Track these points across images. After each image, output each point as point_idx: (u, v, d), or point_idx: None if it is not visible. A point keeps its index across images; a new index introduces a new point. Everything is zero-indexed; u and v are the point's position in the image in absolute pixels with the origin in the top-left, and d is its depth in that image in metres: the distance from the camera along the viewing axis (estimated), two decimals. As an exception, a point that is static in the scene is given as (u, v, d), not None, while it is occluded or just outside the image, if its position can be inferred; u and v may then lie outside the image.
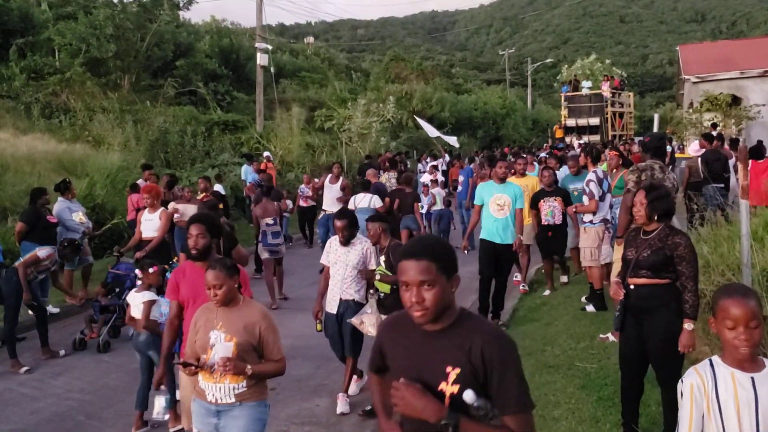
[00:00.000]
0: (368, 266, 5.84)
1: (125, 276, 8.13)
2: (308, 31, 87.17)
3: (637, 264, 4.26)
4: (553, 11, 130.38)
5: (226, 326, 3.59)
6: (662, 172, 6.30)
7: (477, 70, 79.31)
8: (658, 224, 4.26)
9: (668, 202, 4.33)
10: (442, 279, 2.12)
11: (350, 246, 5.83)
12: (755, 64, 23.26)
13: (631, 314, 4.35)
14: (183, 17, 31.65)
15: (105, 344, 7.71)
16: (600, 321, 7.36)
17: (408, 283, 2.13)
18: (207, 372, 3.58)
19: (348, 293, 5.85)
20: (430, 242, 2.23)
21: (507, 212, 7.82)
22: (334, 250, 5.91)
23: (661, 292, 4.20)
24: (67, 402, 6.22)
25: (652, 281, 4.21)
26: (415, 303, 2.12)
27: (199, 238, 4.44)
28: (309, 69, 37.69)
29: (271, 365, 3.65)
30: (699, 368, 2.50)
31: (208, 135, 21.33)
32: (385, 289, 5.77)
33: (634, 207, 4.37)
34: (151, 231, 8.53)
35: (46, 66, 21.35)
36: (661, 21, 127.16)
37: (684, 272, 4.12)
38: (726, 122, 21.22)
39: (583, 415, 4.98)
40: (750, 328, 2.35)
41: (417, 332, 2.24)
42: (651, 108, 52.23)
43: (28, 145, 15.22)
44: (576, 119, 33.63)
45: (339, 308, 5.81)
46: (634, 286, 4.29)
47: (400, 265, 2.15)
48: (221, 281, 3.56)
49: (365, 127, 24.79)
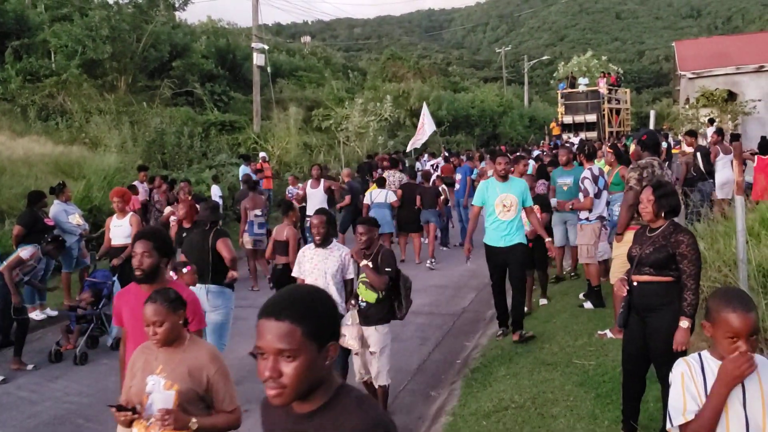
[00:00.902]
0: (346, 275, 5.54)
1: (102, 284, 7.95)
2: (305, 31, 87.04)
3: (640, 261, 4.25)
4: (549, 8, 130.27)
5: (167, 371, 3.01)
6: (661, 169, 6.32)
7: (474, 68, 79.32)
8: (664, 221, 4.24)
9: (675, 199, 4.33)
10: (309, 348, 1.64)
11: (327, 251, 5.50)
12: (751, 59, 23.27)
13: (635, 312, 4.33)
14: (179, 18, 31.60)
15: (82, 356, 7.35)
16: (598, 318, 7.37)
17: (263, 350, 1.64)
18: (143, 424, 2.96)
19: None
20: (299, 297, 1.72)
21: (514, 213, 7.02)
22: (308, 259, 5.56)
23: (665, 289, 4.19)
24: (65, 405, 6.22)
25: (655, 279, 4.20)
26: (269, 378, 1.64)
27: (145, 257, 3.58)
28: (306, 68, 37.64)
29: (222, 418, 3.04)
30: (688, 359, 2.58)
31: (205, 136, 21.30)
32: (369, 298, 5.35)
33: (641, 204, 4.34)
34: (121, 237, 8.19)
35: (42, 68, 21.30)
36: (657, 17, 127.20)
37: (685, 270, 4.11)
38: (722, 118, 21.24)
39: (581, 412, 4.99)
40: (750, 341, 2.38)
41: (286, 414, 1.76)
42: (648, 104, 52.30)
43: (25, 148, 15.20)
44: (573, 116, 33.64)
45: None
46: (637, 284, 4.28)
47: (258, 324, 1.66)
48: (162, 317, 2.98)
49: (363, 126, 24.79)
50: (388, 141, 26.32)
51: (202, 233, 6.28)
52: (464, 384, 6.06)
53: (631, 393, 4.50)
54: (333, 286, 5.46)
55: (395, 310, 5.48)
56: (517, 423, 4.99)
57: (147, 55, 24.77)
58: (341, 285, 5.60)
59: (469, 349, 7.42)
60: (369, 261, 5.35)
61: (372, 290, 5.30)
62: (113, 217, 8.36)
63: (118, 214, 8.28)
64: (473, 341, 7.66)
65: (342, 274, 5.56)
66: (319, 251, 5.54)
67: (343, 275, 5.57)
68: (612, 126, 34.27)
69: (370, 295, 5.34)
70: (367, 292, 5.34)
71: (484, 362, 6.54)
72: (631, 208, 6.24)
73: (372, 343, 5.38)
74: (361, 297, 5.38)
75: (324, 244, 5.50)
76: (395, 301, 5.46)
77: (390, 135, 27.59)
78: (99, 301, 7.78)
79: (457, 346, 7.61)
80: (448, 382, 6.44)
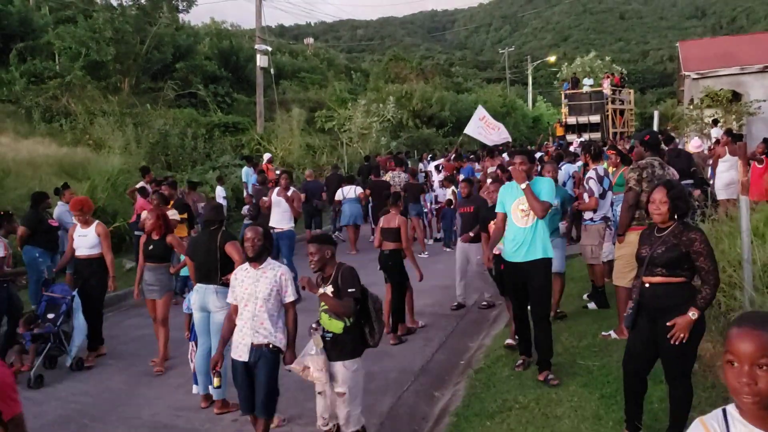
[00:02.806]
0: (284, 298, 4.77)
1: (61, 300, 7.26)
2: (308, 32, 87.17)
3: (651, 261, 4.17)
4: (553, 9, 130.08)
5: None
6: (662, 169, 6.31)
7: (477, 69, 79.16)
8: (672, 221, 4.18)
9: (688, 201, 4.28)
10: None
11: (259, 272, 4.76)
12: (755, 59, 23.20)
13: (645, 313, 4.26)
14: (182, 20, 31.76)
15: (37, 379, 6.75)
16: (602, 319, 7.37)
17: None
18: None
19: (261, 335, 4.70)
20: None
21: (533, 219, 5.82)
22: (240, 281, 4.82)
23: (677, 290, 4.13)
24: (71, 405, 6.23)
25: (668, 280, 4.13)
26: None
27: None
28: (309, 70, 37.72)
29: None
30: (707, 420, 1.92)
31: (208, 137, 21.38)
32: (335, 328, 4.50)
33: (652, 204, 4.23)
34: (85, 248, 7.51)
35: (46, 70, 21.41)
36: (661, 17, 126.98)
37: (703, 267, 4.06)
38: (727, 118, 21.18)
39: (585, 413, 4.99)
40: (756, 369, 1.77)
41: None
42: (652, 105, 52.15)
43: (29, 149, 15.26)
44: (576, 117, 33.58)
45: (251, 356, 4.68)
46: (649, 285, 4.21)
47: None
48: None
49: (365, 128, 24.83)
50: (391, 142, 26.33)
51: (209, 234, 6.27)
52: (468, 385, 6.06)
53: (634, 393, 4.46)
54: (266, 314, 4.71)
55: (366, 338, 4.68)
56: (521, 423, 4.98)
57: (150, 57, 24.87)
58: (279, 311, 4.81)
59: (473, 349, 7.41)
60: (328, 284, 4.59)
61: (337, 318, 4.50)
62: (77, 226, 7.66)
63: (82, 225, 7.59)
64: (477, 342, 7.65)
65: (280, 298, 4.78)
66: (250, 272, 4.80)
67: (281, 299, 4.79)
68: (616, 127, 34.19)
69: (336, 325, 4.52)
70: (331, 322, 4.52)
71: (488, 363, 6.53)
72: (631, 208, 6.24)
73: (339, 381, 4.50)
74: (324, 327, 4.55)
75: (257, 259, 4.76)
76: (365, 327, 4.66)
77: (393, 136, 27.61)
78: (58, 318, 7.09)
79: (461, 347, 7.60)
80: (452, 382, 6.43)
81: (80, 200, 7.88)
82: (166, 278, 7.26)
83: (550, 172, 7.61)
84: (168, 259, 7.34)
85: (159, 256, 7.17)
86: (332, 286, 4.58)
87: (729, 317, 5.18)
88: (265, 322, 4.69)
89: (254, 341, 4.67)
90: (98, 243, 7.50)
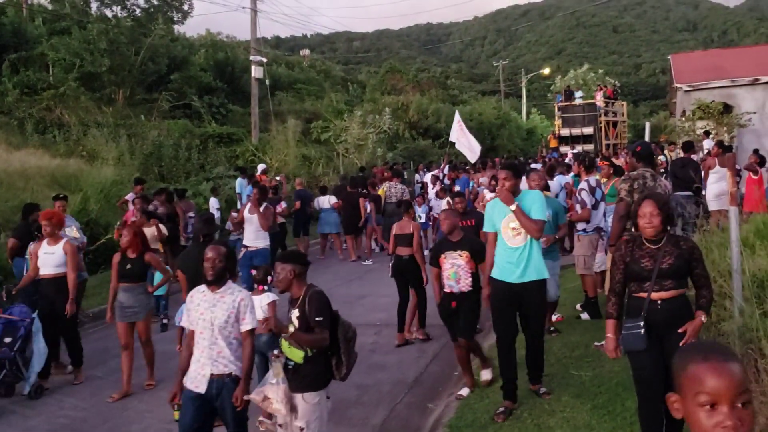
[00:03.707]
0: (241, 326, 4.30)
1: (20, 322, 6.76)
2: (304, 44, 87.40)
3: (660, 274, 3.96)
4: (547, 22, 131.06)
5: None
6: (654, 180, 6.33)
7: (472, 82, 79.58)
8: (664, 233, 4.07)
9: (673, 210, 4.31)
10: None
11: (217, 296, 4.32)
12: (746, 72, 23.37)
13: (653, 331, 3.97)
14: (177, 31, 31.79)
15: None
16: (595, 329, 7.35)
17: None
18: None
19: (221, 364, 4.27)
20: None
21: (526, 237, 5.40)
22: (196, 305, 4.36)
23: (685, 302, 4.05)
24: (59, 420, 6.18)
25: (679, 292, 4.01)
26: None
27: None
28: (305, 81, 37.78)
29: None
30: None
31: (202, 148, 21.35)
32: (295, 356, 4.15)
33: (643, 219, 4.05)
34: (50, 266, 7.02)
35: (39, 81, 21.37)
36: (653, 30, 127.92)
37: (702, 274, 4.03)
38: (718, 130, 21.31)
39: (577, 423, 4.98)
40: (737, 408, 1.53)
41: None
42: (645, 117, 52.37)
43: (22, 161, 15.21)
44: (570, 129, 33.72)
45: (210, 388, 4.23)
46: (661, 301, 3.98)
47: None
48: None
49: (362, 139, 24.84)
50: (387, 153, 26.37)
51: (198, 246, 6.25)
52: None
53: (654, 419, 4.02)
54: (223, 342, 4.26)
55: (332, 370, 4.29)
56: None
57: (145, 68, 24.87)
58: (235, 341, 4.33)
59: (466, 361, 7.38)
60: (295, 308, 4.25)
61: (297, 347, 4.16)
62: (42, 242, 7.16)
63: (49, 240, 7.08)
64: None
65: (237, 326, 4.32)
66: (207, 295, 4.36)
67: (238, 327, 4.32)
68: (609, 139, 34.34)
69: (296, 353, 4.15)
70: (291, 350, 4.17)
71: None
72: (622, 219, 6.24)
73: (299, 414, 4.15)
74: (285, 355, 4.20)
75: (216, 282, 4.33)
76: (332, 358, 4.27)
77: (389, 147, 27.65)
78: (15, 342, 6.63)
79: (455, 358, 7.56)
80: (446, 394, 6.41)
81: (50, 212, 7.51)
82: (145, 298, 6.88)
83: (536, 180, 7.25)
84: (145, 278, 6.94)
85: (136, 276, 6.77)
86: (299, 311, 4.22)
87: (719, 327, 5.17)
88: (223, 350, 4.27)
89: (214, 371, 4.24)
90: (65, 262, 7.03)
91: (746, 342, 4.95)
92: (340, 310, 4.43)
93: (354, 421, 5.84)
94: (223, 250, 4.39)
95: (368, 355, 7.74)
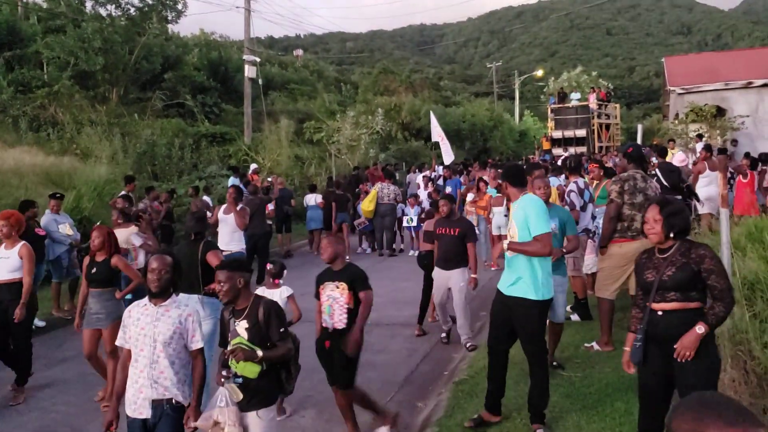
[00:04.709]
0: (189, 344, 3.93)
1: None
2: (297, 44, 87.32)
3: (662, 286, 3.75)
4: (540, 24, 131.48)
5: None
6: (644, 182, 6.41)
7: (465, 83, 79.79)
8: (674, 241, 3.79)
9: (684, 218, 3.85)
10: None
11: (161, 309, 3.92)
12: (739, 75, 23.52)
13: (654, 343, 3.82)
14: (171, 30, 31.73)
15: None
16: (585, 330, 7.42)
17: None
18: None
19: (162, 387, 3.85)
20: None
21: None
22: (134, 320, 3.93)
23: (693, 318, 3.68)
24: (52, 415, 6.19)
25: (683, 305, 3.70)
26: None
27: None
28: (298, 81, 37.80)
29: None
30: None
31: (195, 147, 21.36)
32: (249, 372, 3.84)
33: (647, 224, 3.86)
34: (4, 271, 6.58)
35: (34, 79, 21.31)
36: (647, 33, 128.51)
37: (716, 285, 3.64)
38: (711, 133, 21.43)
39: (566, 424, 5.03)
40: None
41: None
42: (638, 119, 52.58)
43: (15, 158, 15.16)
44: (563, 131, 33.85)
45: (153, 414, 3.83)
46: (662, 312, 3.76)
47: None
48: None
49: (354, 139, 24.87)
50: (380, 154, 26.43)
51: (190, 245, 6.28)
52: (451, 395, 6.08)
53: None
54: (166, 361, 3.84)
55: (282, 383, 4.10)
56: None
57: (139, 67, 24.85)
58: (183, 360, 3.94)
59: (456, 360, 7.43)
60: (242, 319, 3.96)
61: (252, 361, 3.85)
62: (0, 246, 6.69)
63: (6, 243, 6.67)
64: (461, 353, 7.67)
65: (182, 343, 3.94)
66: (149, 309, 3.94)
67: (186, 345, 3.95)
68: (602, 141, 34.51)
69: (250, 369, 3.84)
70: (245, 365, 3.83)
71: (471, 373, 6.56)
72: (613, 220, 6.32)
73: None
74: (235, 371, 3.85)
75: (161, 295, 3.94)
76: (282, 371, 4.07)
77: (381, 148, 27.71)
78: None
79: (445, 358, 7.62)
80: (435, 393, 6.45)
81: (9, 212, 7.01)
82: (113, 304, 6.30)
83: (541, 188, 6.02)
84: (114, 282, 6.46)
85: (104, 280, 6.29)
86: (247, 321, 3.93)
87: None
88: (165, 371, 3.84)
89: (154, 396, 3.82)
90: (21, 266, 6.60)
91: (736, 344, 5.01)
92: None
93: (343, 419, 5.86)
94: (170, 260, 4.02)
95: (359, 354, 7.78)
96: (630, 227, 6.32)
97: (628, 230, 6.33)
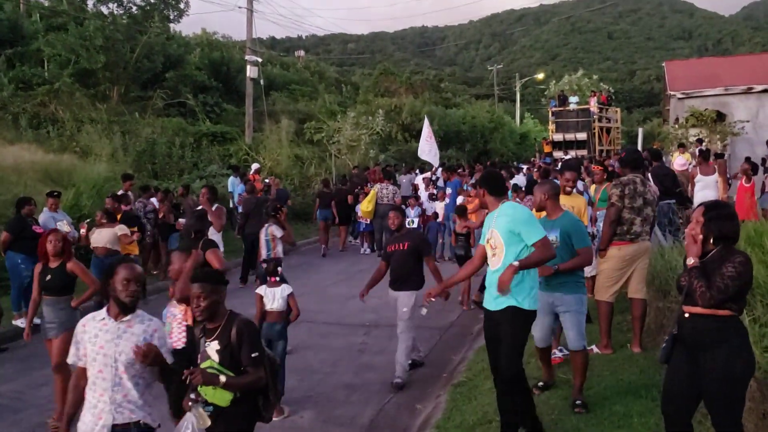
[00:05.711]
0: None
1: None
2: (299, 45, 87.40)
3: (690, 291, 3.65)
4: (542, 27, 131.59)
5: None
6: (643, 185, 6.42)
7: (466, 85, 79.72)
8: (713, 246, 3.66)
9: (728, 225, 3.66)
10: None
11: (123, 325, 3.48)
12: (739, 80, 23.54)
13: (683, 347, 3.75)
14: (173, 29, 31.71)
15: None
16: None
17: None
18: None
19: (127, 410, 3.44)
20: None
21: (500, 260, 4.61)
22: (91, 336, 3.47)
23: (722, 325, 3.57)
24: (48, 413, 6.16)
25: (712, 312, 3.57)
26: None
27: None
28: (299, 82, 37.78)
29: None
30: None
31: (196, 146, 21.34)
32: (219, 399, 3.53)
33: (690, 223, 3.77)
34: None
35: (34, 77, 21.32)
36: (648, 37, 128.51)
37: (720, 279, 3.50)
38: (711, 138, 21.45)
39: (565, 426, 5.02)
40: None
41: None
42: (638, 123, 52.63)
43: (15, 156, 15.16)
44: (563, 134, 33.86)
45: None
46: (689, 315, 3.68)
47: None
48: None
49: (354, 140, 24.87)
50: (380, 155, 26.43)
51: (189, 243, 6.26)
52: (449, 397, 6.07)
53: None
54: (129, 382, 3.44)
55: (260, 411, 3.71)
56: (501, 436, 4.98)
57: (140, 66, 24.82)
58: (148, 380, 3.56)
59: (455, 362, 7.43)
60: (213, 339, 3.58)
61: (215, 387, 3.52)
62: None
63: None
64: (459, 355, 7.67)
65: None
66: (109, 324, 3.49)
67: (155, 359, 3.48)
68: (602, 144, 34.51)
69: (221, 396, 3.52)
70: (215, 392, 3.52)
71: (470, 376, 6.56)
72: (613, 223, 6.33)
73: None
74: (205, 396, 3.52)
75: (129, 310, 3.52)
76: (259, 396, 3.67)
77: (381, 149, 27.71)
78: None
79: (444, 360, 7.62)
80: (434, 395, 6.44)
81: None
82: (66, 314, 5.91)
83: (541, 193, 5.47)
84: (70, 290, 6.08)
85: (59, 288, 5.96)
86: (218, 342, 3.54)
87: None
88: (129, 393, 3.44)
89: (117, 420, 3.39)
90: None
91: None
92: (330, 309, 4.39)
93: (342, 421, 5.87)
94: (140, 270, 3.60)
95: (357, 355, 7.77)
96: (629, 230, 6.34)
97: (627, 233, 6.36)
